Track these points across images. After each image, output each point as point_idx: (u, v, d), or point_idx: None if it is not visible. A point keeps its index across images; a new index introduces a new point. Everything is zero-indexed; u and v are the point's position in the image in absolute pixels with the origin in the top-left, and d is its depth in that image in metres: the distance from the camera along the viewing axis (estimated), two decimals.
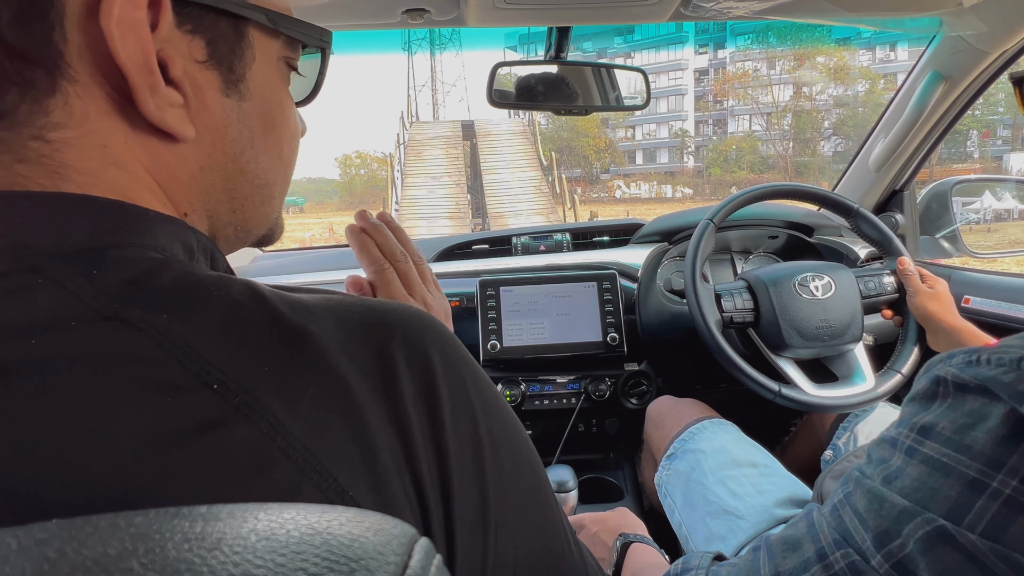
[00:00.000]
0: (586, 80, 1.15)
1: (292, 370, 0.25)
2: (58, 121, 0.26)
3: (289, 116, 0.37)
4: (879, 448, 0.39)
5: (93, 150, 0.27)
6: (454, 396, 0.29)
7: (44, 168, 0.26)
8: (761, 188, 1.12)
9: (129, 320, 0.23)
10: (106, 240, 0.26)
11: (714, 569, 0.46)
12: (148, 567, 0.15)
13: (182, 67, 0.29)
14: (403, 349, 0.28)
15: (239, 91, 0.32)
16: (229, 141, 0.32)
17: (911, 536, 0.32)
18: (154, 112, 0.28)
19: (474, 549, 0.28)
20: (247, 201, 0.34)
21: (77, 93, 0.26)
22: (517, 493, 0.31)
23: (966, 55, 1.09)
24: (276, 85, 0.35)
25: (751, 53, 35.46)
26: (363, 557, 0.17)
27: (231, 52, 0.31)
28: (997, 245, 1.32)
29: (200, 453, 0.22)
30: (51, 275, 0.24)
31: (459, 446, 0.28)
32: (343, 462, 0.24)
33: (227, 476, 0.22)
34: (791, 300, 1.03)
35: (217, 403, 0.23)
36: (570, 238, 1.44)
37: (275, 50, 0.34)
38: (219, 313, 0.25)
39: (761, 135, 33.84)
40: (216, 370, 0.23)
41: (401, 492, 0.25)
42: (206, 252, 0.31)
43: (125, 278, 0.25)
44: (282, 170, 0.37)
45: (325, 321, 0.27)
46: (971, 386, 0.33)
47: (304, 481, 0.23)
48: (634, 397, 1.28)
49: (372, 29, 1.00)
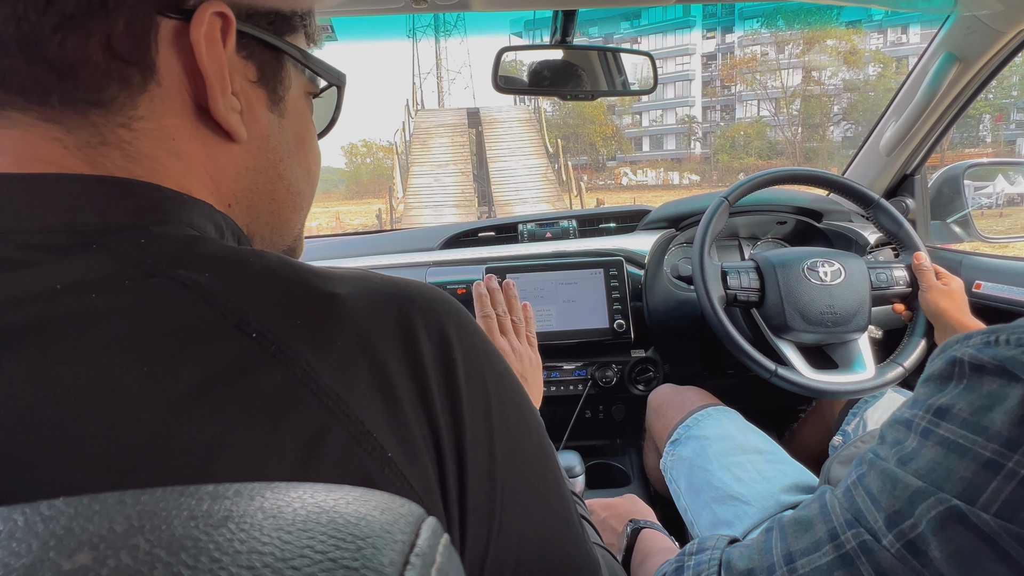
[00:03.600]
0: (592, 65, 1.13)
1: (322, 325, 0.28)
2: (142, 114, 0.31)
3: (314, 139, 0.43)
4: (893, 430, 0.38)
5: (163, 141, 0.32)
6: (467, 361, 0.31)
7: (122, 151, 0.31)
8: (779, 171, 1.11)
9: (176, 278, 0.27)
10: (148, 217, 0.29)
11: (728, 550, 0.46)
12: (154, 543, 0.15)
13: (239, 83, 0.34)
14: (421, 317, 0.31)
15: (280, 109, 0.38)
16: (271, 149, 0.37)
17: (924, 516, 0.32)
18: (221, 112, 0.33)
19: (482, 502, 0.30)
20: (283, 204, 0.39)
21: (160, 94, 0.31)
22: (523, 456, 0.34)
23: (980, 35, 1.07)
24: (304, 112, 0.41)
25: (759, 37, 35.00)
26: (370, 535, 0.17)
27: (275, 77, 0.37)
28: (1009, 230, 1.29)
29: (238, 393, 0.24)
30: (103, 243, 0.27)
31: (471, 404, 0.31)
32: (368, 407, 0.27)
33: (263, 413, 0.24)
34: (798, 283, 1.02)
35: (255, 349, 0.26)
36: (576, 225, 1.43)
37: (303, 83, 0.40)
38: (256, 275, 0.29)
39: (769, 121, 33.48)
40: (255, 321, 0.26)
41: (420, 438, 0.28)
42: (235, 234, 0.35)
43: (168, 247, 0.28)
44: (309, 183, 0.42)
45: (351, 287, 0.30)
46: (989, 367, 0.33)
47: (332, 422, 0.26)
48: (641, 384, 1.28)
49: (376, 14, 0.99)
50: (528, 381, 0.67)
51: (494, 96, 5.99)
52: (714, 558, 0.46)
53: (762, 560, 0.42)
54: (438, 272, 1.27)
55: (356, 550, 0.16)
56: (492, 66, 1.07)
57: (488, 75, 1.07)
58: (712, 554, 0.47)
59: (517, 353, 0.68)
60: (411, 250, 1.37)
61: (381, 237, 1.55)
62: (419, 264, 1.31)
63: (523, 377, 0.66)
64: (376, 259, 1.34)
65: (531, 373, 0.68)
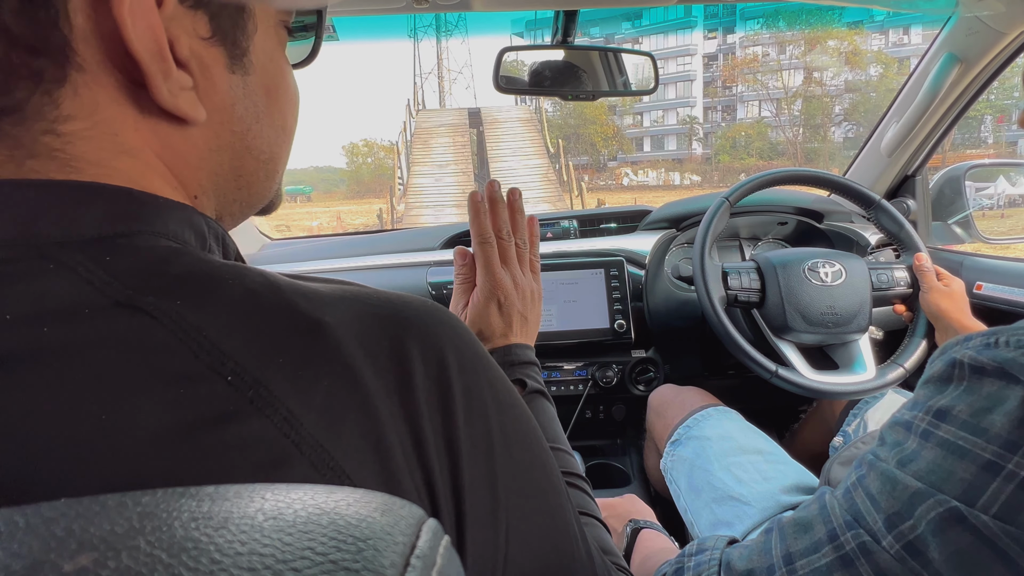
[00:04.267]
0: (593, 65, 1.13)
1: (306, 361, 0.24)
2: (68, 113, 0.25)
3: (289, 83, 0.36)
4: (893, 431, 0.38)
5: (104, 140, 0.27)
6: (468, 394, 0.28)
7: (57, 162, 0.26)
8: (780, 172, 1.11)
9: (143, 307, 0.23)
10: (117, 228, 0.25)
11: (728, 551, 0.46)
12: (155, 545, 0.15)
13: (188, 46, 0.28)
14: (418, 344, 0.27)
15: (243, 65, 0.31)
16: (236, 119, 0.31)
17: (923, 517, 0.32)
18: (167, 98, 0.27)
19: (485, 547, 0.28)
20: (253, 177, 0.34)
21: (86, 82, 0.26)
22: (528, 493, 0.31)
23: (982, 36, 1.07)
24: (276, 53, 0.34)
25: (761, 38, 34.98)
26: (371, 537, 0.17)
27: (234, 25, 0.30)
28: (1011, 231, 1.29)
29: (213, 447, 0.21)
30: (62, 261, 0.23)
31: (471, 445, 0.28)
32: (355, 458, 0.24)
33: (239, 471, 0.22)
34: (799, 284, 1.02)
35: (231, 395, 0.22)
36: (577, 225, 1.43)
37: (272, 15, 0.33)
38: (234, 301, 0.25)
39: (770, 121, 33.46)
40: (231, 360, 0.23)
41: (412, 490, 0.25)
42: (217, 238, 0.31)
43: (138, 265, 0.24)
44: (285, 141, 0.36)
45: (340, 312, 0.26)
46: (989, 369, 0.33)
47: (316, 477, 0.23)
48: (641, 384, 1.28)
49: (378, 14, 0.99)
50: (528, 320, 0.60)
51: (495, 96, 5.96)
52: (714, 559, 0.46)
53: (762, 561, 0.42)
54: (439, 272, 1.26)
55: (357, 552, 0.16)
56: (493, 66, 1.07)
57: (489, 75, 1.07)
58: (712, 555, 0.47)
59: (519, 289, 0.58)
60: (412, 250, 1.37)
61: (382, 237, 1.55)
62: (420, 264, 1.31)
63: (523, 316, 0.59)
64: (377, 259, 1.34)
65: (532, 310, 0.60)
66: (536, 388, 0.56)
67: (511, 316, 0.58)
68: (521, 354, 0.57)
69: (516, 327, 0.58)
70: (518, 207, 0.60)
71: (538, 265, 0.63)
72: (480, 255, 0.58)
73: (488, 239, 0.58)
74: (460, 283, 0.61)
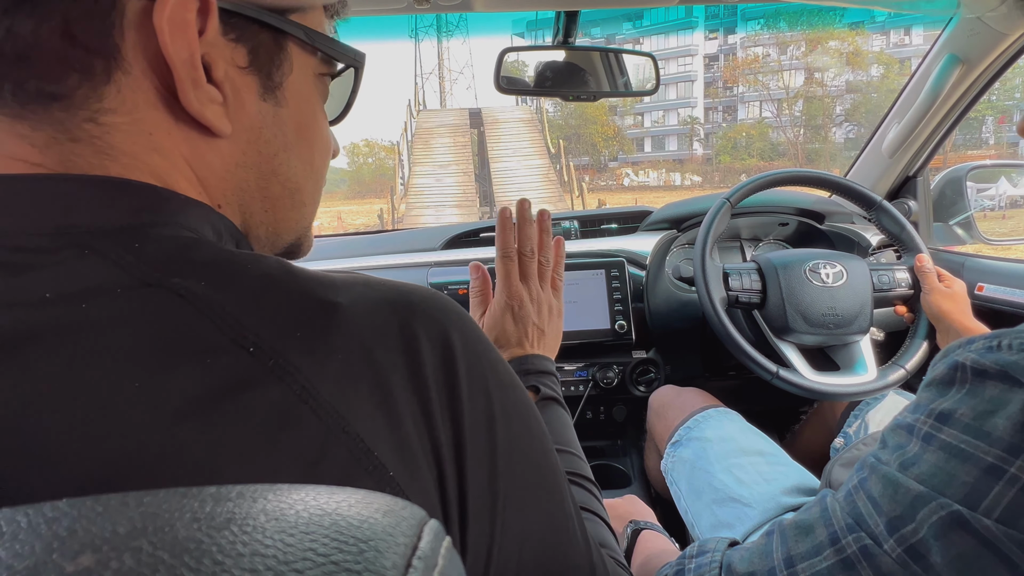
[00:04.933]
0: (595, 66, 1.13)
1: (322, 336, 0.26)
2: (110, 107, 0.28)
3: (322, 129, 0.39)
4: (895, 434, 0.38)
5: (139, 136, 0.29)
6: (471, 372, 0.30)
7: (94, 148, 0.28)
8: (781, 173, 1.11)
9: (170, 287, 0.25)
10: (143, 219, 0.28)
11: (729, 553, 0.46)
12: (157, 545, 0.15)
13: (224, 70, 0.31)
14: (424, 326, 0.30)
15: (276, 97, 0.34)
16: (263, 142, 0.34)
17: (925, 521, 0.32)
18: (194, 105, 0.30)
19: (483, 517, 0.30)
20: (279, 202, 0.36)
21: (129, 84, 0.29)
22: (525, 469, 0.33)
23: (984, 37, 1.07)
24: (311, 98, 0.37)
25: (762, 38, 34.98)
26: (372, 538, 0.17)
27: (270, 62, 0.33)
28: (1012, 232, 1.29)
29: (234, 412, 0.23)
30: (95, 247, 0.26)
31: (474, 419, 0.30)
32: (368, 424, 0.26)
33: (260, 434, 0.23)
34: (800, 285, 1.02)
35: (252, 365, 0.24)
36: (578, 226, 1.43)
37: (312, 66, 0.36)
38: (253, 282, 0.27)
39: (771, 122, 33.45)
40: (252, 334, 0.25)
41: (421, 455, 0.27)
42: (233, 237, 0.33)
43: (164, 251, 0.27)
44: (311, 176, 0.39)
45: (353, 295, 0.29)
46: (991, 372, 0.32)
47: (332, 441, 0.25)
48: (642, 385, 1.28)
49: (379, 15, 0.99)
50: (546, 334, 0.61)
51: (496, 96, 6.05)
52: (715, 561, 0.46)
53: (763, 563, 0.42)
54: (439, 272, 1.27)
55: (358, 553, 0.16)
56: (494, 67, 1.07)
57: (490, 75, 1.07)
58: (713, 557, 0.47)
59: (536, 303, 0.60)
60: (413, 250, 1.37)
61: (383, 237, 1.55)
62: (421, 264, 1.31)
63: (540, 329, 0.60)
64: (378, 259, 1.34)
65: (550, 324, 0.62)
66: (550, 395, 0.57)
67: (526, 326, 0.60)
68: (538, 364, 0.59)
69: (533, 338, 0.60)
70: (546, 227, 0.63)
71: (560, 284, 0.65)
72: (501, 268, 0.60)
73: (510, 254, 0.61)
74: (475, 296, 0.64)
